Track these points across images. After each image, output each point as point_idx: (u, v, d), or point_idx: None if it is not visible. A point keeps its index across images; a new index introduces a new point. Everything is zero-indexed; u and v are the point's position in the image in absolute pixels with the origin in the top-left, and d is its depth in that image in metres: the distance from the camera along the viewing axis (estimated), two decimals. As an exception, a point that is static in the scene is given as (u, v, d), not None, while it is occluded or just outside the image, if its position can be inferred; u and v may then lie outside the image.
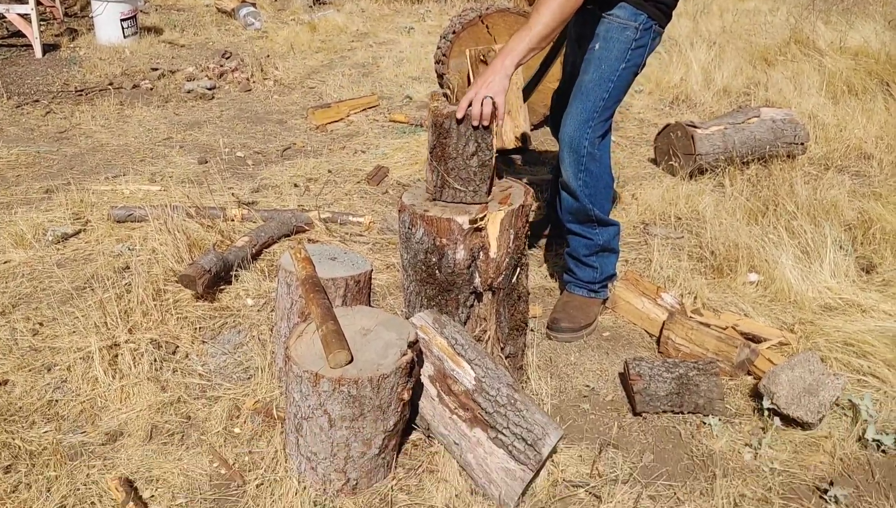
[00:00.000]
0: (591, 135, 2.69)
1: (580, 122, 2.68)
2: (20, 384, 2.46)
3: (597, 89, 2.65)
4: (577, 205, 2.79)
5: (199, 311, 2.89)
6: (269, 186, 4.12)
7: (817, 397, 2.27)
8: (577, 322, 2.85)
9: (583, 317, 2.88)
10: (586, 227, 2.85)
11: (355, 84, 6.17)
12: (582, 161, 2.70)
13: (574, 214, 2.84)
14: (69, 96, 5.74)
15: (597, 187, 2.77)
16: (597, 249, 2.88)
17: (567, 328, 2.84)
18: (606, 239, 2.88)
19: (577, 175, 2.72)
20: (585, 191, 2.74)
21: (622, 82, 2.68)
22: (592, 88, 2.66)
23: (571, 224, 2.87)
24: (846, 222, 3.62)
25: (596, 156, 2.72)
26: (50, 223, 3.56)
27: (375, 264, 3.29)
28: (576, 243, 2.90)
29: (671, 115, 5.57)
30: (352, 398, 1.87)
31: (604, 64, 2.64)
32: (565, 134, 2.72)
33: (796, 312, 2.93)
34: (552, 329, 2.85)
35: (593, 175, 2.73)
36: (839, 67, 6.02)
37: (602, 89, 2.65)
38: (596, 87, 2.65)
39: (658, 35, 2.70)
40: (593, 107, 2.66)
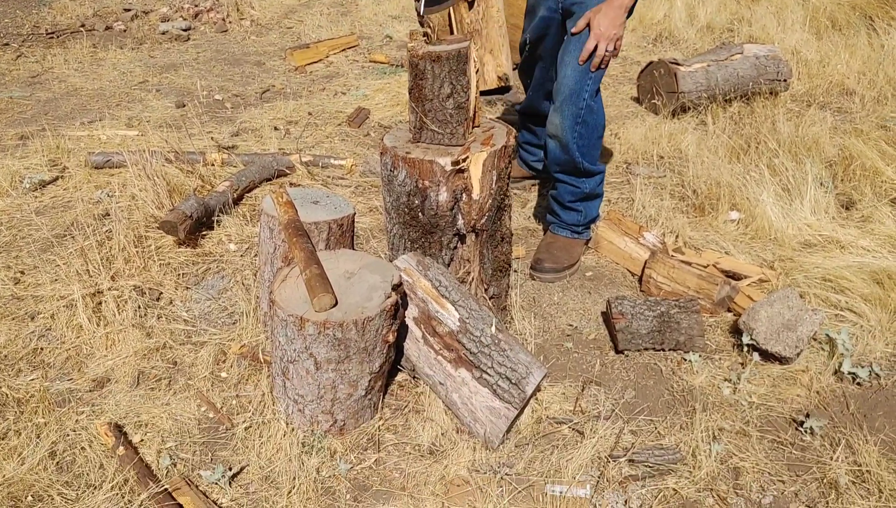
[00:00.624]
0: (591, 87, 2.64)
1: (581, 72, 2.62)
2: (4, 332, 2.46)
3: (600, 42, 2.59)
4: (566, 157, 2.77)
5: (182, 257, 2.88)
6: (248, 130, 4.06)
7: (795, 332, 2.32)
8: (560, 263, 2.87)
9: (566, 258, 2.89)
10: (573, 176, 2.84)
11: (334, 24, 6.05)
12: (581, 114, 2.67)
13: (562, 165, 2.82)
14: (40, 39, 5.60)
15: (590, 139, 2.75)
16: (581, 196, 2.88)
17: (550, 268, 2.85)
18: (592, 186, 2.88)
19: (574, 128, 2.69)
20: (579, 143, 2.72)
21: (621, 32, 2.62)
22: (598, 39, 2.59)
23: (558, 173, 2.86)
24: (827, 159, 3.64)
25: (594, 108, 2.69)
26: (26, 170, 3.51)
27: (358, 207, 3.28)
28: (562, 190, 2.90)
29: (654, 52, 5.52)
30: (337, 340, 1.88)
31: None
32: (564, 86, 2.66)
33: (776, 249, 2.96)
34: (536, 270, 2.86)
35: (589, 127, 2.71)
36: (823, 2, 5.97)
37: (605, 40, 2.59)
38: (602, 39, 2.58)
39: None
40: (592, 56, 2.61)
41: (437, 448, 2.04)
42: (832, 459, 2.01)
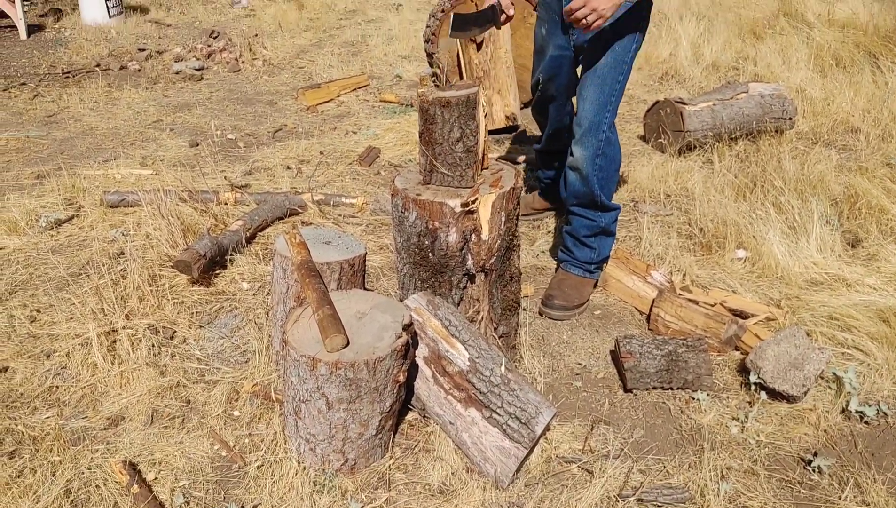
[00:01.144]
0: (609, 119, 2.73)
1: (599, 106, 2.70)
2: (20, 370, 2.50)
3: (613, 73, 2.68)
4: (585, 190, 2.82)
5: (195, 296, 2.92)
6: (261, 169, 4.13)
7: (802, 370, 2.33)
8: (570, 301, 2.90)
9: (576, 296, 2.92)
10: (590, 210, 2.88)
11: (345, 63, 6.16)
12: (601, 146, 2.74)
13: (580, 197, 2.86)
14: (56, 79, 5.71)
15: (609, 171, 2.82)
16: (598, 230, 2.92)
17: (560, 306, 2.88)
18: (608, 222, 2.92)
19: (595, 160, 2.75)
20: (599, 175, 2.78)
21: (632, 63, 2.72)
22: (608, 71, 2.68)
23: (575, 206, 2.90)
24: (833, 197, 3.67)
25: (612, 140, 2.77)
26: (43, 209, 3.57)
27: (369, 245, 3.33)
28: (578, 224, 2.93)
29: (660, 91, 5.59)
30: (349, 380, 1.91)
31: (617, 47, 2.67)
32: (585, 119, 2.73)
33: (783, 287, 2.99)
34: (546, 306, 2.89)
35: (608, 159, 2.78)
36: (827, 40, 6.04)
37: (618, 72, 2.69)
38: (612, 70, 2.68)
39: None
40: (611, 91, 2.70)
41: (447, 488, 2.05)
42: (840, 498, 2.01)
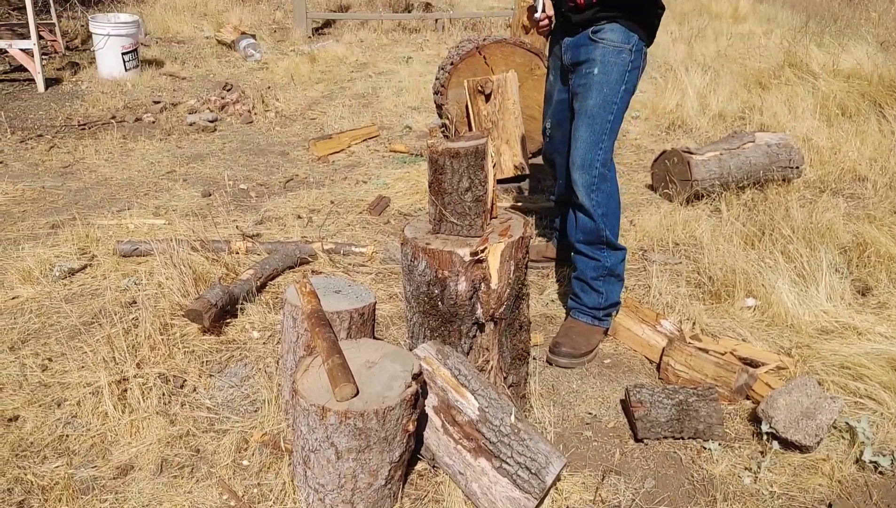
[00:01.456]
0: (602, 156, 2.81)
1: (590, 144, 2.80)
2: (31, 419, 2.50)
3: (602, 112, 2.78)
4: (591, 225, 2.88)
5: (206, 344, 2.94)
6: (272, 218, 4.18)
7: (815, 420, 2.31)
8: (578, 349, 2.90)
9: (584, 344, 2.92)
10: (596, 248, 2.92)
11: (355, 115, 6.25)
12: (594, 181, 2.81)
13: (587, 233, 2.91)
14: (72, 130, 5.82)
15: (609, 207, 2.87)
16: (604, 271, 2.93)
17: (568, 353, 2.88)
18: (614, 263, 2.94)
19: (590, 195, 2.83)
20: (599, 211, 2.84)
21: (624, 103, 2.82)
22: (598, 111, 2.79)
23: (581, 245, 2.94)
24: (841, 246, 3.68)
25: (607, 176, 2.84)
26: (56, 259, 3.61)
27: (378, 294, 3.34)
28: (584, 265, 2.96)
29: (667, 141, 5.65)
30: (358, 430, 1.91)
31: (605, 88, 2.77)
32: (576, 157, 2.83)
33: (793, 336, 2.98)
34: (553, 354, 2.89)
35: (605, 194, 2.84)
36: (833, 90, 6.10)
37: (607, 112, 2.78)
38: (601, 110, 2.78)
39: (646, 55, 2.86)
40: (601, 130, 2.79)
41: (456, 539, 2.03)
42: (857, 552, 1.98)
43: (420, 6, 10.44)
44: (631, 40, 2.73)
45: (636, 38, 2.74)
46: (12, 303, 3.26)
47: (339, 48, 8.47)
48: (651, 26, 2.80)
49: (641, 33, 2.75)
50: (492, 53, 4.73)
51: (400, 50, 8.72)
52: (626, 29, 2.72)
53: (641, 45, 2.78)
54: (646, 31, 2.78)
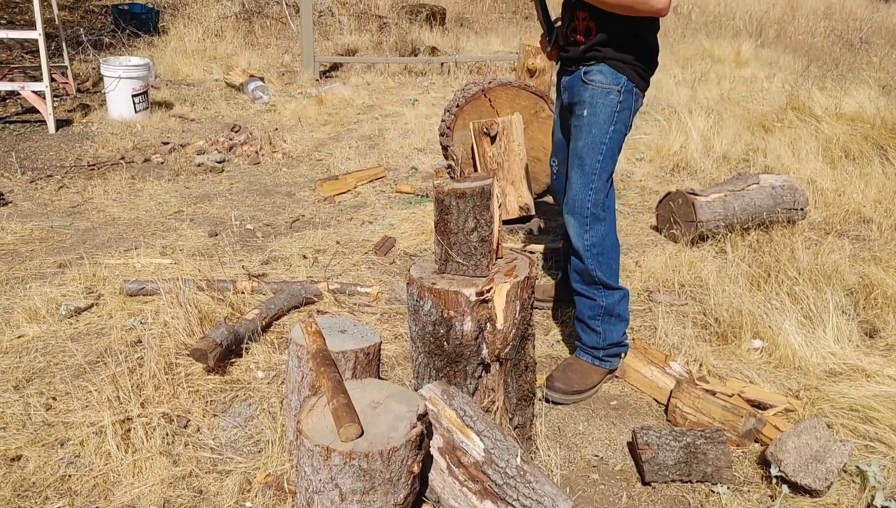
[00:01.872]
0: (593, 197, 2.82)
1: (581, 186, 2.82)
2: (33, 459, 2.49)
3: (591, 153, 2.80)
4: (582, 266, 2.89)
5: (211, 384, 2.93)
6: (278, 258, 4.19)
7: (825, 464, 2.29)
8: (570, 385, 2.89)
9: (578, 382, 2.90)
10: (591, 288, 2.92)
11: (362, 156, 6.30)
12: (586, 222, 2.82)
13: (580, 274, 2.92)
14: (82, 171, 5.87)
15: (603, 248, 2.86)
16: (600, 311, 2.93)
17: (559, 388, 2.87)
18: (611, 303, 2.93)
19: (583, 236, 2.83)
20: (592, 251, 2.84)
21: (614, 144, 2.82)
22: (587, 152, 2.80)
23: (577, 284, 2.95)
24: (848, 287, 3.67)
25: (600, 217, 2.84)
26: (63, 298, 3.62)
27: (384, 334, 3.34)
28: (581, 305, 2.97)
29: (672, 182, 5.67)
30: (362, 471, 1.89)
31: (594, 129, 2.79)
32: (569, 199, 2.86)
33: (801, 378, 2.96)
34: (546, 387, 2.90)
35: (599, 236, 2.84)
36: (836, 133, 6.14)
37: (596, 152, 2.80)
38: (590, 151, 2.80)
39: (640, 97, 2.86)
40: (590, 171, 2.80)
41: (461, 584, 2.00)
42: None
43: (426, 50, 10.58)
44: (619, 81, 2.76)
45: (625, 78, 2.75)
46: (18, 342, 3.26)
47: (346, 91, 8.57)
48: (642, 68, 2.81)
49: (631, 74, 2.77)
50: (497, 96, 4.78)
51: (406, 93, 8.82)
52: (615, 70, 2.75)
53: (631, 86, 2.78)
54: (637, 73, 2.79)
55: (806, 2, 17.19)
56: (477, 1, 14.70)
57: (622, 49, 2.73)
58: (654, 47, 2.83)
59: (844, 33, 14.58)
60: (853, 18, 16.21)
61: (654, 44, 2.82)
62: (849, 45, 13.30)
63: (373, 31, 11.63)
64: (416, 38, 11.03)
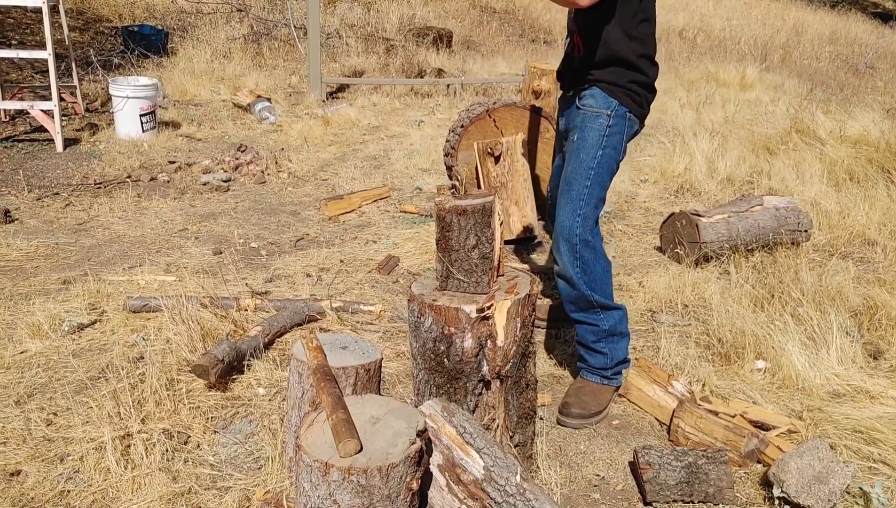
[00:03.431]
0: (581, 223, 2.76)
1: (569, 212, 2.78)
2: (33, 474, 2.48)
3: (579, 178, 2.77)
4: (575, 293, 2.85)
5: (212, 400, 2.92)
6: (282, 276, 4.20)
7: (827, 485, 2.27)
8: (587, 409, 2.86)
9: (594, 404, 2.89)
10: (590, 314, 2.89)
11: (367, 176, 6.33)
12: (576, 249, 2.77)
13: (575, 302, 2.89)
14: (88, 189, 5.90)
15: (594, 273, 2.82)
16: (603, 334, 2.91)
17: (577, 414, 2.84)
18: (612, 324, 2.91)
19: (574, 263, 2.79)
20: (584, 278, 2.80)
21: (602, 169, 2.77)
22: (574, 177, 2.78)
23: (574, 313, 2.92)
24: (852, 309, 3.66)
25: (590, 243, 2.79)
26: (66, 314, 3.63)
27: (386, 352, 3.33)
28: (583, 331, 2.94)
29: (676, 203, 5.68)
30: (361, 487, 1.88)
31: (582, 153, 2.77)
32: (558, 225, 2.81)
33: (804, 399, 2.94)
34: (563, 414, 2.86)
35: (589, 262, 2.79)
36: (840, 156, 6.15)
37: (584, 177, 2.76)
38: (578, 176, 2.77)
39: (635, 123, 2.82)
40: (578, 195, 2.76)
41: None
42: None
43: (432, 72, 10.65)
44: (610, 105, 2.74)
45: (616, 102, 2.74)
46: (20, 357, 3.26)
47: (352, 111, 8.62)
48: (635, 92, 2.78)
49: (623, 98, 2.74)
50: (501, 116, 4.81)
51: (412, 114, 8.87)
52: (606, 94, 2.74)
53: (623, 111, 2.75)
54: (630, 97, 2.76)
55: (811, 27, 17.30)
56: (484, 24, 14.82)
57: (612, 71, 2.73)
58: (646, 69, 2.78)
59: (849, 58, 14.64)
60: (858, 43, 16.29)
61: (645, 66, 2.78)
62: (853, 69, 13.35)
63: (380, 54, 11.71)
64: (422, 60, 11.11)
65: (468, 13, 15.09)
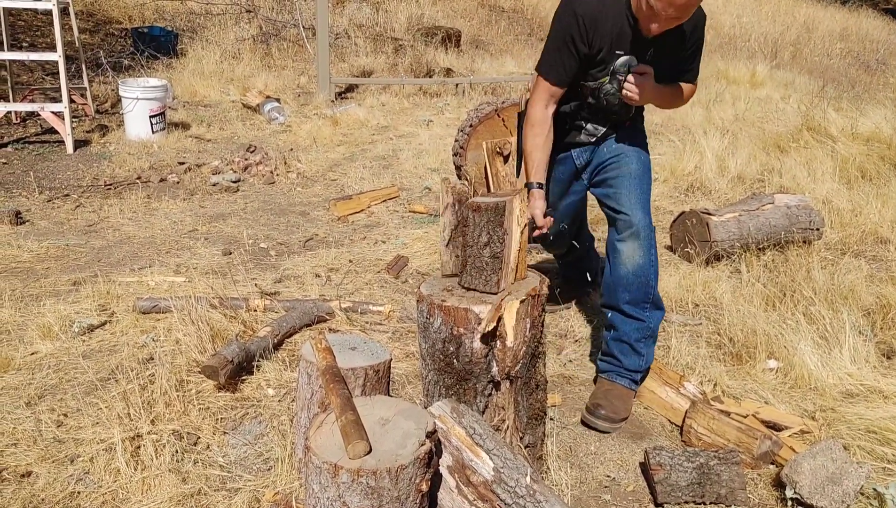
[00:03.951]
0: (650, 216, 2.90)
1: (643, 204, 2.90)
2: (43, 475, 2.49)
3: (646, 175, 2.96)
4: (642, 282, 2.85)
5: (221, 401, 2.92)
6: (291, 277, 4.20)
7: (841, 486, 2.25)
8: (618, 413, 2.81)
9: (623, 409, 2.84)
10: (641, 309, 2.86)
11: (376, 176, 6.33)
12: (650, 240, 2.84)
13: (634, 293, 2.85)
14: (98, 190, 5.92)
15: (657, 266, 2.90)
16: (648, 333, 2.88)
17: (608, 417, 2.79)
18: (656, 323, 2.91)
19: (649, 254, 2.84)
20: (654, 268, 2.86)
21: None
22: (643, 173, 2.94)
23: (628, 306, 2.87)
24: (865, 308, 3.62)
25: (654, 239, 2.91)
26: (77, 315, 3.64)
27: (395, 352, 3.33)
28: (628, 328, 2.88)
29: (686, 202, 5.65)
30: (370, 489, 1.87)
31: (642, 155, 3.00)
32: (637, 219, 2.83)
33: (817, 399, 2.92)
34: (593, 415, 2.80)
35: (656, 252, 2.89)
36: (852, 153, 6.11)
37: (649, 174, 2.98)
38: (646, 172, 2.97)
39: None
40: (649, 189, 2.94)
41: None
42: None
43: (441, 71, 10.64)
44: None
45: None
46: (31, 359, 3.27)
47: (360, 112, 8.62)
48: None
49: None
50: (511, 116, 4.79)
51: (421, 113, 8.86)
52: None
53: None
54: None
55: (822, 23, 17.20)
56: (492, 23, 14.80)
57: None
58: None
59: (861, 55, 14.55)
60: (869, 40, 16.19)
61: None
62: (865, 66, 13.26)
63: (388, 53, 11.72)
64: (431, 60, 11.11)
65: (477, 12, 15.07)
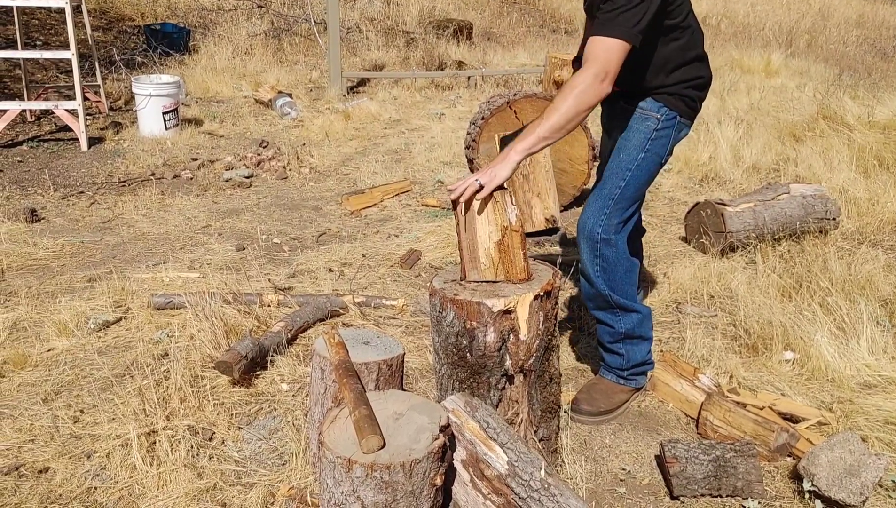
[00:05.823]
0: (604, 222, 2.68)
1: (595, 209, 2.70)
2: (60, 471, 2.51)
3: (614, 177, 2.69)
4: (593, 291, 2.79)
5: (236, 397, 2.93)
6: (304, 272, 4.20)
7: (859, 478, 2.23)
8: (596, 406, 2.82)
9: (604, 402, 2.84)
10: (607, 313, 2.82)
11: (388, 170, 6.32)
12: (596, 247, 2.69)
13: (593, 300, 2.83)
14: (113, 187, 5.95)
15: (615, 273, 2.73)
16: (620, 336, 2.84)
17: (585, 410, 2.81)
18: (630, 327, 2.82)
19: (594, 261, 2.72)
20: (603, 277, 2.73)
21: (642, 172, 2.69)
22: (610, 176, 2.70)
23: (593, 311, 2.87)
24: (882, 298, 3.59)
25: (611, 242, 2.69)
26: (92, 311, 3.66)
27: (408, 346, 3.32)
28: (600, 331, 2.90)
29: (701, 193, 5.61)
30: (384, 483, 1.87)
31: (622, 153, 2.69)
32: (581, 220, 2.74)
33: (834, 390, 2.89)
34: (573, 410, 2.84)
35: (609, 261, 2.71)
36: (869, 142, 6.04)
37: (619, 178, 2.68)
38: (613, 175, 2.69)
39: (685, 127, 2.73)
40: (609, 194, 2.68)
41: None
42: None
43: (453, 64, 10.61)
44: (660, 110, 2.64)
45: (666, 108, 2.63)
46: (47, 355, 3.29)
47: (372, 106, 8.61)
48: (689, 98, 2.67)
49: (677, 104, 2.64)
50: (522, 108, 4.77)
51: (433, 107, 8.84)
52: (654, 99, 2.64)
53: (674, 115, 2.64)
54: (683, 101, 2.65)
55: (837, 11, 17.02)
56: (504, 15, 14.74)
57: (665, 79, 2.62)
58: (698, 71, 2.67)
59: (877, 42, 14.40)
60: (886, 27, 16.01)
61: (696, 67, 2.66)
62: (882, 53, 13.12)
63: (400, 47, 11.70)
64: (442, 53, 11.08)
65: (488, 4, 15.01)
